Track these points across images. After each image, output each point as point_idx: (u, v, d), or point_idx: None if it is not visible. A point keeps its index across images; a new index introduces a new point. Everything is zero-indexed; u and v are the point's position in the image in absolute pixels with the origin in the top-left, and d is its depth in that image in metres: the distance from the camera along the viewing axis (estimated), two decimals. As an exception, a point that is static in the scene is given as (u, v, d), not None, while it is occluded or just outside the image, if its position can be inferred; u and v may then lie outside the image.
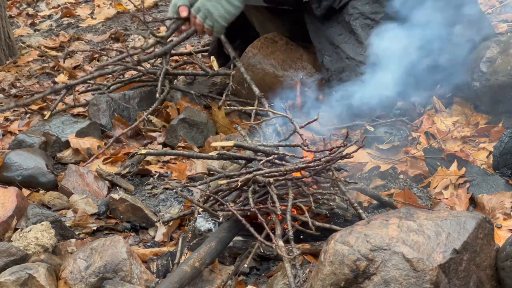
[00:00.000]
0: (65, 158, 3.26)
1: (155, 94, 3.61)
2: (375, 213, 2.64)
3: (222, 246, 2.28)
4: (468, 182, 2.77)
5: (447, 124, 3.19)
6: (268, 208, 2.26)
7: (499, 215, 2.50)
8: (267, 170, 2.32)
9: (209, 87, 3.76)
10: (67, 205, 2.86)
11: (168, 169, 3.17)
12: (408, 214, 1.93)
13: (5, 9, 4.94)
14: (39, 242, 2.35)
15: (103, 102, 3.55)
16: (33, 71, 4.79)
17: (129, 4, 6.04)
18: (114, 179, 3.04)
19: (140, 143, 3.43)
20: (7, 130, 3.60)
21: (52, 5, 6.42)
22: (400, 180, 2.89)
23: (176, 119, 3.42)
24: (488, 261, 1.91)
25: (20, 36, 5.60)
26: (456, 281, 1.79)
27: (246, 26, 3.95)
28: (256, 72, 3.59)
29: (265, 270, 2.39)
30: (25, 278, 2.14)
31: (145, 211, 2.73)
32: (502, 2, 4.72)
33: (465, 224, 1.86)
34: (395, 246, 1.80)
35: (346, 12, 3.38)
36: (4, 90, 4.41)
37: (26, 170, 2.99)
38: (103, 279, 2.17)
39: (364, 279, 1.80)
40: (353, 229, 1.89)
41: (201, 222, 2.47)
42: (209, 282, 2.29)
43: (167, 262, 2.36)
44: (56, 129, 3.34)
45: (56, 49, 5.30)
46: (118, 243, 2.25)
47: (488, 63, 3.17)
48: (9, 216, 2.53)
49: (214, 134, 3.45)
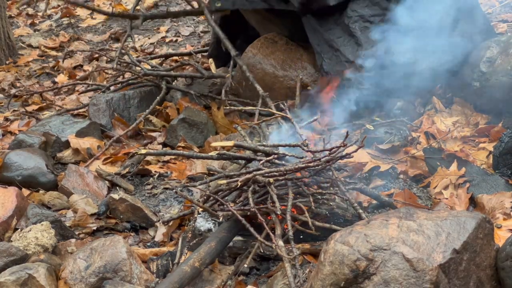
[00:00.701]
0: (65, 158, 3.26)
1: (155, 94, 3.63)
2: (375, 213, 2.64)
3: (222, 246, 2.28)
4: (468, 182, 2.77)
5: (447, 124, 3.19)
6: (268, 208, 2.26)
7: (499, 215, 2.50)
8: (267, 170, 2.32)
9: (209, 87, 3.76)
10: (67, 205, 2.86)
11: (168, 169, 3.17)
12: (408, 214, 1.92)
13: (5, 9, 4.94)
14: (39, 242, 2.35)
15: (103, 102, 3.55)
16: (33, 71, 4.80)
17: (129, 4, 6.04)
18: (114, 179, 3.04)
19: (140, 143, 3.44)
20: (7, 130, 3.60)
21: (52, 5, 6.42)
22: (400, 180, 2.89)
23: (176, 119, 3.42)
24: (488, 261, 1.91)
25: (20, 36, 5.60)
26: (456, 281, 1.79)
27: (245, 26, 3.94)
28: (256, 72, 3.59)
29: (265, 270, 2.39)
30: (25, 278, 2.14)
31: (145, 211, 2.73)
32: (502, 2, 4.72)
33: (465, 224, 1.86)
34: (395, 246, 1.80)
35: (346, 15, 3.38)
36: (4, 90, 4.42)
37: (26, 170, 2.99)
38: (103, 279, 2.17)
39: (364, 279, 1.80)
40: (353, 229, 1.89)
41: (201, 222, 2.46)
42: (209, 282, 2.29)
43: (167, 262, 2.35)
44: (56, 129, 3.34)
45: (56, 49, 5.30)
46: (118, 243, 2.24)
47: (488, 63, 3.17)
48: (9, 216, 2.52)
49: (214, 134, 3.45)
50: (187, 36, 5.27)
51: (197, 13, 4.02)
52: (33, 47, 5.33)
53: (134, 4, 3.69)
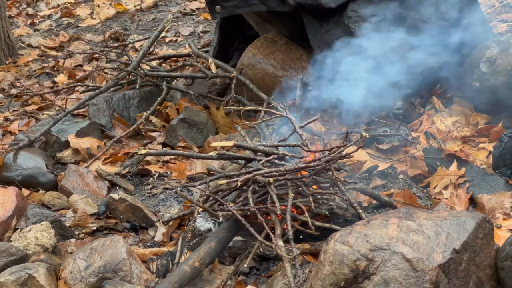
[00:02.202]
0: (65, 158, 3.26)
1: (155, 94, 3.62)
2: (375, 213, 2.64)
3: (222, 246, 2.28)
4: (468, 182, 2.77)
5: (447, 124, 3.19)
6: (268, 208, 2.26)
7: (499, 215, 2.50)
8: (267, 170, 2.32)
9: (208, 87, 3.76)
10: (67, 205, 2.86)
11: (168, 169, 3.17)
12: (408, 214, 1.92)
13: (5, 9, 4.94)
14: (39, 242, 2.35)
15: (103, 102, 3.55)
16: (32, 71, 4.79)
17: (129, 4, 6.04)
18: (114, 179, 3.04)
19: (140, 143, 3.44)
20: (7, 130, 3.60)
21: (52, 5, 6.42)
22: (400, 180, 2.89)
23: (176, 119, 3.42)
24: (488, 261, 1.91)
25: (20, 36, 5.60)
26: (455, 281, 1.79)
27: (244, 26, 3.94)
28: (255, 72, 3.59)
29: (264, 270, 2.39)
30: (25, 278, 2.14)
31: (145, 211, 2.73)
32: (502, 2, 4.72)
33: (464, 224, 1.86)
34: (394, 246, 1.80)
35: (345, 15, 3.37)
36: (4, 90, 4.42)
37: (26, 170, 2.99)
38: (103, 279, 2.17)
39: (364, 279, 1.80)
40: (353, 229, 1.89)
41: (201, 222, 2.46)
42: (209, 282, 2.29)
43: (167, 262, 2.35)
44: (56, 129, 3.34)
45: (56, 49, 5.30)
46: (118, 243, 2.25)
47: (488, 63, 3.17)
48: (9, 216, 2.53)
49: (214, 134, 3.45)
50: (187, 36, 5.26)
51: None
52: (33, 47, 5.33)
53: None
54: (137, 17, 5.75)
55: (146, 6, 5.94)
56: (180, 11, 5.78)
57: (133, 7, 5.99)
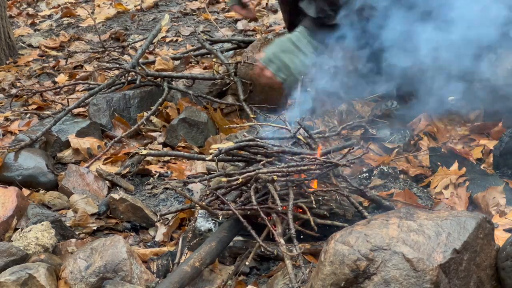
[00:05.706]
0: (65, 158, 3.26)
1: (155, 94, 3.61)
2: (375, 213, 2.64)
3: (222, 246, 2.28)
4: (468, 182, 2.77)
5: (446, 123, 3.19)
6: (269, 207, 2.25)
7: (494, 213, 2.51)
8: (270, 169, 2.31)
9: (209, 87, 3.75)
10: (67, 205, 2.87)
11: (168, 169, 3.17)
12: (408, 214, 1.92)
13: (5, 9, 4.95)
14: (39, 242, 2.35)
15: (103, 102, 3.55)
16: (33, 71, 4.80)
17: (129, 4, 6.05)
18: (114, 179, 3.04)
19: (140, 143, 3.44)
20: (7, 130, 3.60)
21: (52, 5, 6.43)
22: (400, 180, 2.89)
23: (176, 119, 3.42)
24: (488, 261, 1.91)
25: (20, 36, 5.60)
26: (456, 281, 1.79)
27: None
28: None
29: (265, 270, 2.39)
30: (25, 278, 2.14)
31: (145, 211, 2.73)
32: (502, 2, 4.71)
33: (465, 224, 1.86)
34: (395, 246, 1.80)
35: None
36: (4, 90, 4.42)
37: (26, 170, 2.99)
38: (103, 279, 2.17)
39: (365, 279, 1.80)
40: (353, 229, 1.89)
41: (201, 222, 2.46)
42: (209, 282, 2.29)
43: (167, 262, 2.36)
44: (57, 129, 3.34)
45: (56, 49, 5.31)
46: (118, 243, 2.25)
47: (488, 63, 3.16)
48: (9, 216, 2.53)
49: (214, 134, 3.45)
50: (187, 36, 5.26)
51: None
52: (34, 47, 5.33)
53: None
54: (138, 17, 5.76)
55: (146, 6, 5.95)
56: (180, 11, 5.78)
57: (133, 7, 6.00)
